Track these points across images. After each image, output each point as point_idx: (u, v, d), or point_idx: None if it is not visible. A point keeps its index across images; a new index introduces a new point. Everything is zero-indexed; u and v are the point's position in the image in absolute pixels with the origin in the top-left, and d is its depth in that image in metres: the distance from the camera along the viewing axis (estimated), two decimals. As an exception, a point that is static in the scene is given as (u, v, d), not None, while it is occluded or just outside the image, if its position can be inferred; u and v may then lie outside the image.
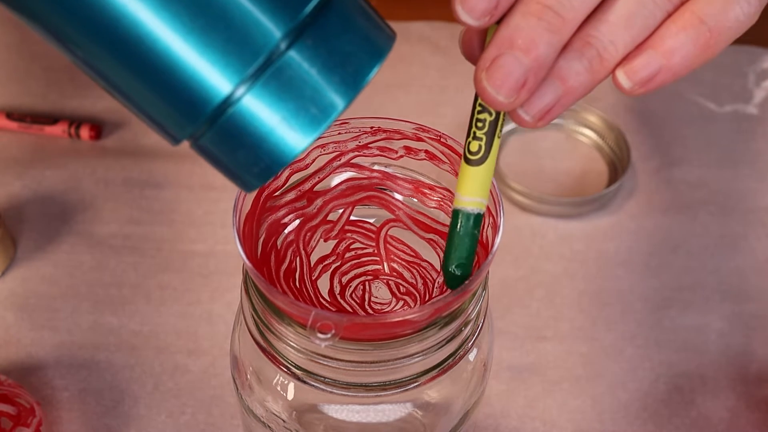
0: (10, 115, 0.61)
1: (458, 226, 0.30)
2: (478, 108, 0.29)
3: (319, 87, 0.25)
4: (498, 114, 0.29)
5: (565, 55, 0.28)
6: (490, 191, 0.33)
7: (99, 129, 0.61)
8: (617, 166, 0.60)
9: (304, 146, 0.25)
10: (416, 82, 0.65)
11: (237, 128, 0.25)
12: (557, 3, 0.26)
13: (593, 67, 0.28)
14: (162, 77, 0.24)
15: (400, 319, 0.29)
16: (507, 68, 0.26)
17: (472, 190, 0.30)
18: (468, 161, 0.29)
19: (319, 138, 0.34)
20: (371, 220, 0.36)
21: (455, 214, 0.30)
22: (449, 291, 0.34)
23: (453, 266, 0.30)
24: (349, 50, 0.25)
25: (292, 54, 0.24)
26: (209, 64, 0.24)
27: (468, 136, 0.29)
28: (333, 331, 0.28)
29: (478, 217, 0.30)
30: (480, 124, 0.29)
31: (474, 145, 0.29)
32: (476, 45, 0.29)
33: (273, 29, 0.24)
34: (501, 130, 0.29)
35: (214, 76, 0.24)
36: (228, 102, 0.24)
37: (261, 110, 0.24)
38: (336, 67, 0.25)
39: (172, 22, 0.23)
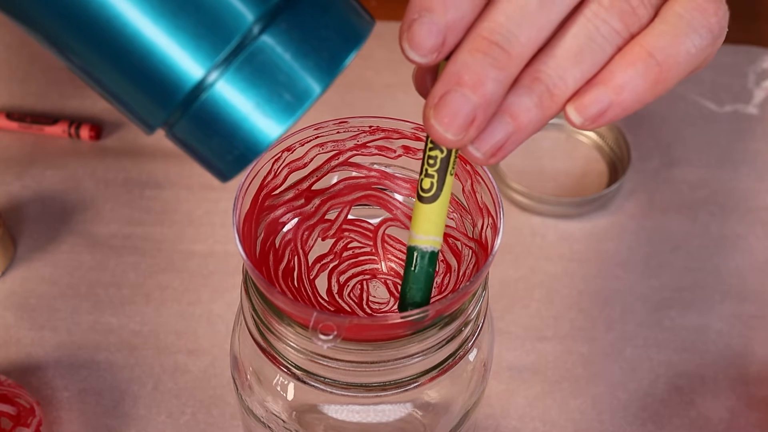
0: (10, 115, 0.61)
1: (413, 265, 0.30)
2: (429, 145, 0.28)
3: (293, 73, 0.24)
4: (450, 151, 0.28)
5: (515, 91, 0.27)
6: (490, 191, 0.33)
7: (99, 129, 0.61)
8: (617, 166, 0.60)
9: (278, 134, 0.25)
10: (416, 82, 0.65)
11: (210, 115, 0.24)
12: (503, 39, 0.26)
13: (543, 103, 0.27)
14: (133, 62, 0.23)
15: (402, 320, 0.29)
16: (454, 105, 0.26)
17: (425, 228, 0.29)
18: (420, 199, 0.29)
19: (318, 137, 0.34)
20: (369, 220, 0.36)
21: (409, 251, 0.30)
22: (449, 292, 0.34)
23: (408, 304, 0.30)
24: (325, 35, 0.25)
25: (266, 39, 0.24)
26: (180, 49, 0.23)
27: (420, 173, 0.29)
28: (335, 333, 0.28)
29: (433, 255, 0.30)
30: (431, 161, 0.28)
31: (426, 183, 0.29)
32: (429, 82, 0.29)
33: (246, 13, 0.23)
34: (453, 167, 0.29)
35: (185, 62, 0.23)
36: (200, 88, 0.24)
37: (234, 96, 0.24)
38: (311, 53, 0.24)
39: (142, 5, 0.23)
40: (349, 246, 0.36)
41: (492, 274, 0.44)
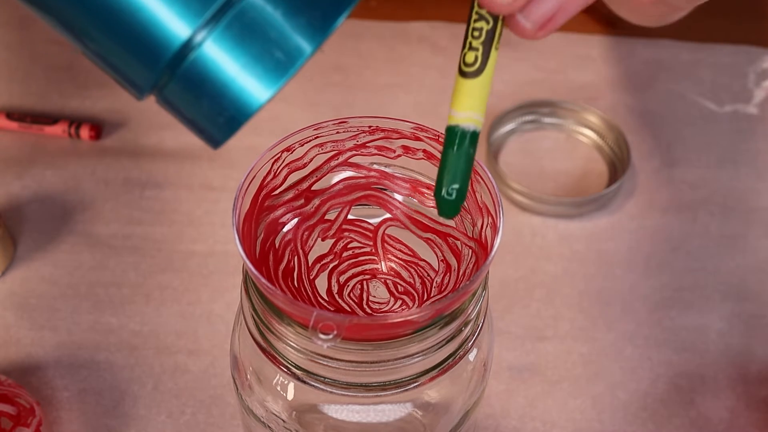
0: (10, 115, 0.61)
1: (453, 146, 0.28)
2: (474, 16, 0.27)
3: (283, 32, 0.24)
4: (496, 22, 0.27)
5: None
6: (490, 191, 0.32)
7: (99, 129, 0.61)
8: (617, 166, 0.60)
9: (269, 95, 0.24)
10: (416, 82, 0.65)
11: (199, 76, 0.24)
12: None
13: None
14: (119, 22, 0.23)
15: (402, 319, 0.29)
16: None
17: (467, 105, 0.28)
18: (463, 74, 0.27)
19: (318, 137, 0.34)
20: (369, 220, 0.36)
21: (450, 132, 0.28)
22: (449, 292, 0.34)
23: (447, 190, 0.28)
24: None
25: None
26: (166, 8, 0.23)
27: (464, 47, 0.27)
28: (335, 332, 0.28)
29: (474, 135, 0.28)
30: (476, 33, 0.27)
31: (470, 56, 0.27)
32: None
33: None
34: (498, 42, 0.27)
35: (171, 20, 0.23)
36: (188, 48, 0.23)
37: (223, 56, 0.23)
38: (302, 11, 0.24)
39: None
40: (349, 246, 0.36)
41: (492, 274, 0.44)
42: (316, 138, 0.34)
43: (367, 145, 0.35)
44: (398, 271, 0.36)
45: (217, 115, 0.24)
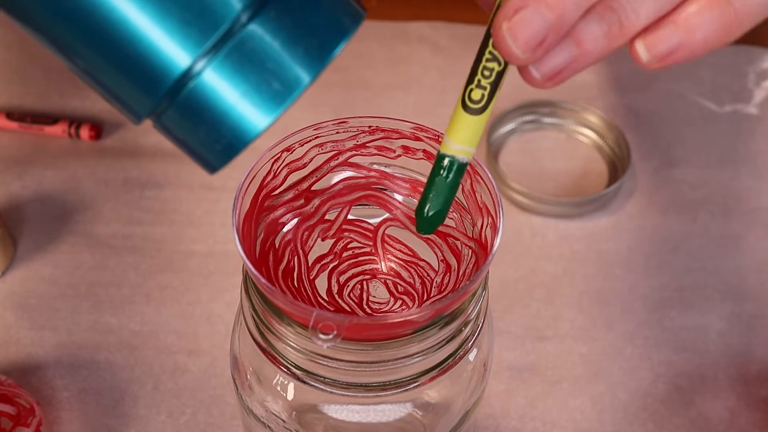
0: (10, 115, 0.61)
1: (445, 173, 0.29)
2: (487, 56, 0.28)
3: (282, 61, 0.24)
4: (506, 66, 0.28)
5: (585, 18, 0.27)
6: (490, 191, 0.33)
7: (99, 129, 0.61)
8: (617, 166, 0.60)
9: (266, 124, 0.24)
10: (416, 82, 0.65)
11: (198, 104, 0.24)
12: None
13: (612, 34, 0.27)
14: (119, 50, 0.23)
15: (402, 319, 0.29)
16: (530, 22, 0.26)
17: (465, 139, 0.29)
18: (467, 109, 0.28)
19: (317, 137, 0.34)
20: (369, 220, 0.36)
21: (442, 159, 0.29)
22: (449, 292, 0.34)
23: (431, 212, 0.30)
24: (315, 23, 0.24)
25: (254, 27, 0.23)
26: (167, 37, 0.23)
27: (470, 82, 0.28)
28: (335, 332, 0.28)
29: (463, 167, 0.29)
30: (487, 73, 0.28)
31: (477, 94, 0.28)
32: None
33: (234, 0, 0.23)
34: (502, 82, 0.28)
35: (172, 49, 0.23)
36: (187, 76, 0.23)
37: (222, 85, 0.24)
38: (300, 41, 0.24)
39: None
40: (348, 246, 0.36)
41: (492, 274, 0.44)
42: (316, 138, 0.34)
43: (367, 145, 0.35)
44: (398, 271, 0.36)
45: (214, 143, 0.25)
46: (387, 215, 0.36)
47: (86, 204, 0.57)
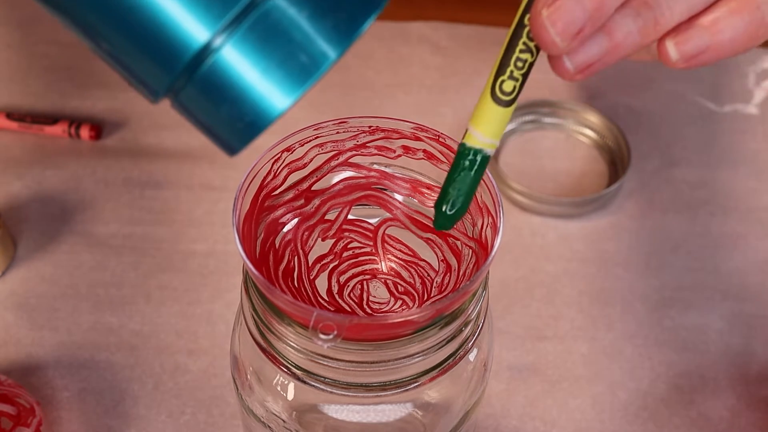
0: (10, 115, 0.61)
1: (470, 166, 0.29)
2: (521, 46, 0.27)
3: (309, 34, 0.23)
4: (537, 56, 0.28)
5: (621, 12, 0.27)
6: (490, 191, 0.33)
7: (99, 129, 0.61)
8: (617, 166, 0.60)
9: (291, 101, 0.23)
10: (416, 82, 0.65)
11: (218, 80, 0.23)
12: None
13: (646, 30, 0.27)
14: (135, 23, 0.22)
15: (402, 319, 0.29)
16: (570, 10, 0.26)
17: (494, 131, 0.28)
18: (497, 100, 0.28)
19: (317, 137, 0.34)
20: (369, 220, 0.36)
21: (468, 151, 0.29)
22: (449, 292, 0.34)
23: (453, 208, 0.29)
24: None
25: None
26: (184, 10, 0.22)
27: (501, 74, 0.28)
28: (335, 332, 0.28)
29: (488, 160, 0.29)
30: (520, 64, 0.28)
31: (509, 85, 0.28)
32: None
33: None
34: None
35: (189, 23, 0.22)
36: (207, 51, 0.22)
37: (243, 60, 0.22)
38: (328, 13, 0.23)
39: None
40: (349, 246, 0.36)
41: (492, 274, 0.44)
42: (316, 138, 0.34)
43: (367, 145, 0.35)
44: (398, 271, 0.36)
45: (235, 121, 0.23)
46: (387, 215, 0.36)
47: (86, 204, 0.57)
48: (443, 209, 0.29)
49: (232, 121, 0.23)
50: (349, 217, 0.36)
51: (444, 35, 0.68)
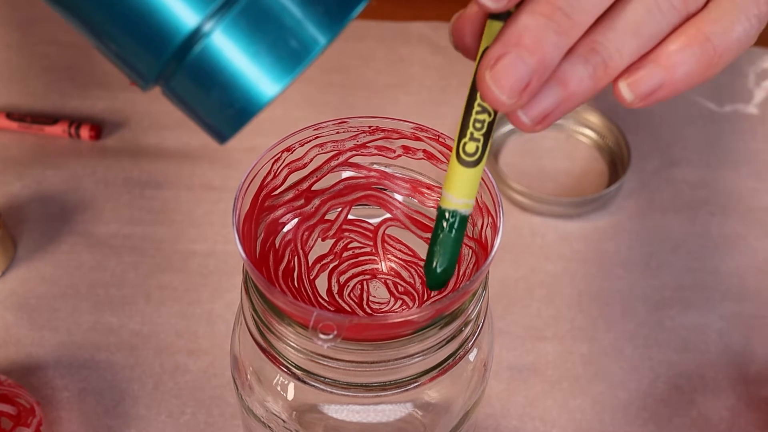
0: (10, 115, 0.61)
1: (449, 228, 0.29)
2: (477, 108, 0.28)
3: (299, 19, 0.22)
4: (495, 115, 0.28)
5: (570, 60, 0.27)
6: (490, 191, 0.33)
7: (99, 129, 0.61)
8: (617, 166, 0.60)
9: (281, 87, 0.23)
10: (416, 82, 0.65)
11: (208, 65, 0.23)
12: (567, 4, 0.26)
13: (597, 75, 0.27)
14: (126, 8, 0.22)
15: (402, 319, 0.29)
16: (512, 68, 0.26)
17: (465, 192, 0.29)
18: (463, 162, 0.29)
19: (317, 137, 0.34)
20: (369, 220, 0.36)
21: (444, 214, 0.29)
22: (449, 292, 0.34)
23: (440, 269, 0.30)
24: None
25: None
26: None
27: (463, 136, 0.28)
28: (335, 332, 0.28)
29: (466, 219, 0.30)
30: (478, 125, 0.28)
31: (471, 146, 0.28)
32: (468, 34, 0.29)
33: None
34: (494, 131, 0.29)
35: (179, 8, 0.22)
36: (196, 36, 0.22)
37: (233, 45, 0.22)
38: None
39: None
40: (349, 246, 0.36)
41: (492, 274, 0.44)
42: (316, 138, 0.34)
43: (367, 145, 0.35)
44: (398, 271, 0.36)
45: (225, 108, 0.23)
46: (387, 215, 0.36)
47: (86, 204, 0.57)
48: (432, 268, 0.30)
49: (222, 107, 0.23)
50: (349, 217, 0.36)
51: (444, 35, 0.68)
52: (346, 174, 0.35)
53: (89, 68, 0.65)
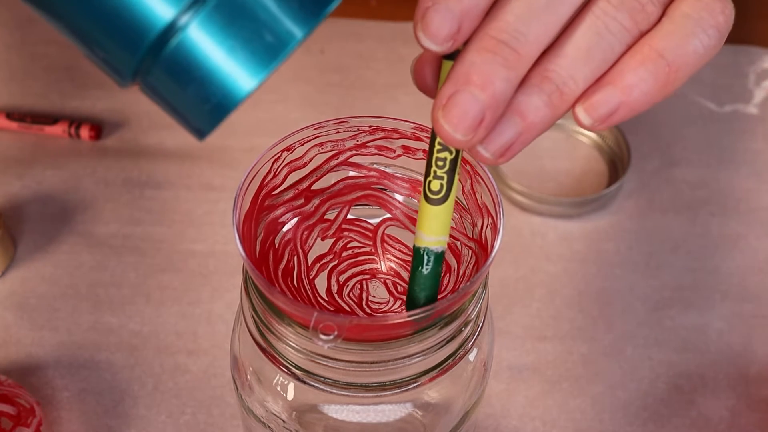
0: (10, 115, 0.61)
1: (423, 266, 0.30)
2: (437, 146, 0.28)
3: (275, 13, 0.22)
4: (458, 152, 0.28)
5: (524, 90, 0.27)
6: (490, 192, 0.33)
7: (99, 129, 0.61)
8: (617, 166, 0.60)
9: (257, 81, 0.23)
10: (416, 82, 0.65)
11: (184, 60, 0.23)
12: (512, 38, 0.25)
13: (553, 102, 0.27)
14: (100, 3, 0.22)
15: (402, 320, 0.29)
16: (463, 105, 0.26)
17: (435, 230, 0.29)
18: (429, 200, 0.29)
19: (317, 137, 0.34)
20: (369, 220, 0.36)
21: (418, 252, 0.30)
22: (449, 292, 0.34)
23: (416, 305, 0.30)
24: None
25: None
26: None
27: (428, 175, 0.28)
28: (336, 333, 0.28)
29: (441, 255, 0.30)
30: (440, 163, 0.28)
31: (435, 185, 0.28)
32: (428, 76, 0.29)
33: None
34: (459, 167, 0.29)
35: (154, 2, 0.22)
36: (172, 30, 0.22)
37: (209, 39, 0.22)
38: None
39: None
40: (348, 246, 0.36)
41: (492, 274, 0.44)
42: (316, 138, 0.34)
43: (367, 144, 0.35)
44: (398, 271, 0.36)
45: (202, 103, 0.23)
46: (387, 215, 0.36)
47: (86, 204, 0.57)
48: (414, 305, 0.30)
49: (199, 102, 0.23)
50: (349, 216, 0.36)
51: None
52: (346, 174, 0.35)
53: (89, 68, 0.64)
